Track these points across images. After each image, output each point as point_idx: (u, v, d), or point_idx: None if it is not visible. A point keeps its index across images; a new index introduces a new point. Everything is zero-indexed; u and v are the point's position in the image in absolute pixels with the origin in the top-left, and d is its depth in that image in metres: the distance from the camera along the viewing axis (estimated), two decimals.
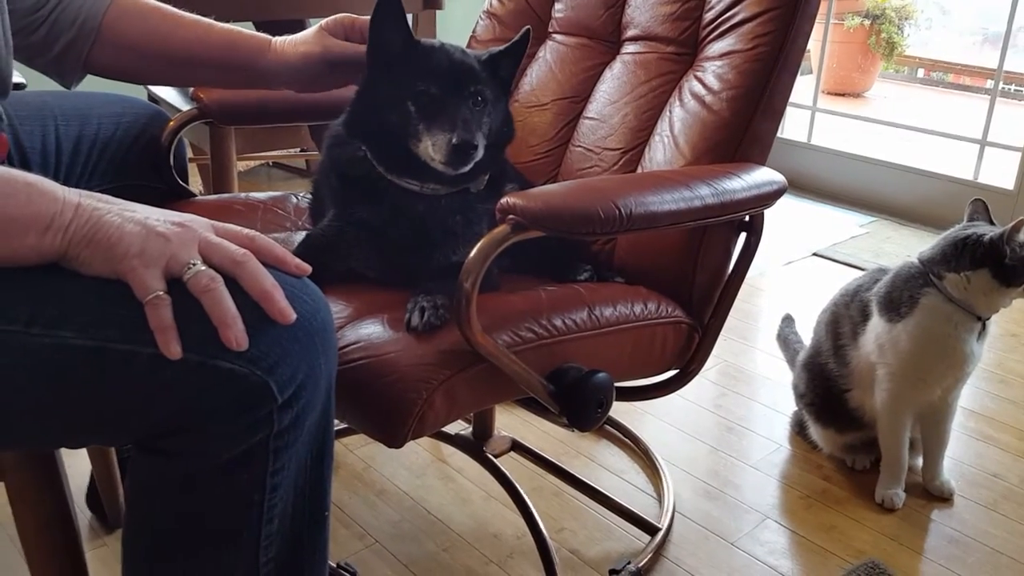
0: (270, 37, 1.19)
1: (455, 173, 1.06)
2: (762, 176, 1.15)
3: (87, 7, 1.11)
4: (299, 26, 2.18)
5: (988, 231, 1.46)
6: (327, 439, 0.83)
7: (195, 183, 1.63)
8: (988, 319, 1.50)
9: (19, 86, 1.75)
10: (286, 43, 1.17)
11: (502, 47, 1.15)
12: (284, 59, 1.17)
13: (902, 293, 1.50)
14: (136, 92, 1.98)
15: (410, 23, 2.24)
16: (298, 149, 2.97)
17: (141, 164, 1.30)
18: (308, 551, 0.85)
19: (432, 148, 1.04)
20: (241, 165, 2.98)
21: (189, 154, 1.42)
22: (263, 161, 3.38)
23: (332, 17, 1.17)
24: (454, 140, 1.02)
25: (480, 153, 1.05)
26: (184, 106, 2.07)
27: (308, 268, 0.80)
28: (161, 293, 0.70)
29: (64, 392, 0.72)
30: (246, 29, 1.19)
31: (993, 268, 1.44)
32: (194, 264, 0.71)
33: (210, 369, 0.70)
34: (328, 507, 0.86)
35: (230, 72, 1.20)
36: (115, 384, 0.71)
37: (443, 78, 1.07)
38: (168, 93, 2.26)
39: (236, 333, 0.70)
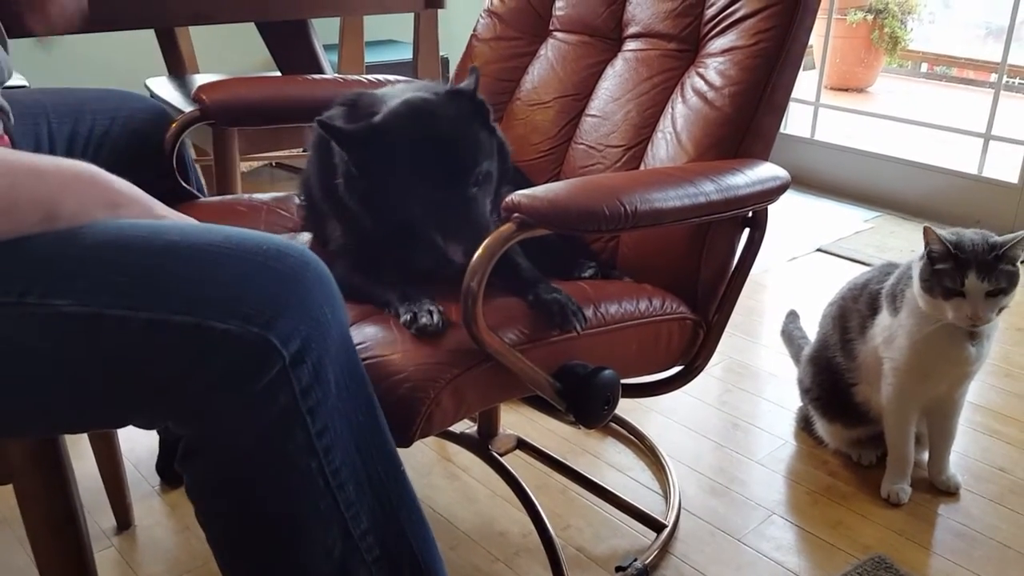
0: None
1: None
2: (765, 171, 1.15)
3: None
4: (300, 26, 2.19)
5: (970, 235, 1.40)
6: (368, 394, 0.82)
7: None
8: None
9: (20, 87, 1.76)
10: None
11: (470, 89, 1.09)
12: None
13: (899, 286, 1.50)
14: (137, 88, 1.98)
15: (412, 22, 2.22)
16: (301, 149, 2.97)
17: (139, 161, 1.26)
18: (400, 508, 0.84)
19: (446, 245, 1.03)
20: (244, 166, 2.98)
21: (193, 155, 1.41)
22: (266, 162, 3.39)
23: None
24: (469, 245, 0.97)
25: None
26: (186, 107, 2.07)
27: None
28: None
29: (62, 362, 0.72)
30: None
31: (921, 273, 1.41)
32: None
33: (205, 331, 0.70)
34: (400, 461, 0.84)
35: None
36: (111, 351, 0.71)
37: (440, 177, 1.02)
38: (169, 93, 2.26)
39: None
